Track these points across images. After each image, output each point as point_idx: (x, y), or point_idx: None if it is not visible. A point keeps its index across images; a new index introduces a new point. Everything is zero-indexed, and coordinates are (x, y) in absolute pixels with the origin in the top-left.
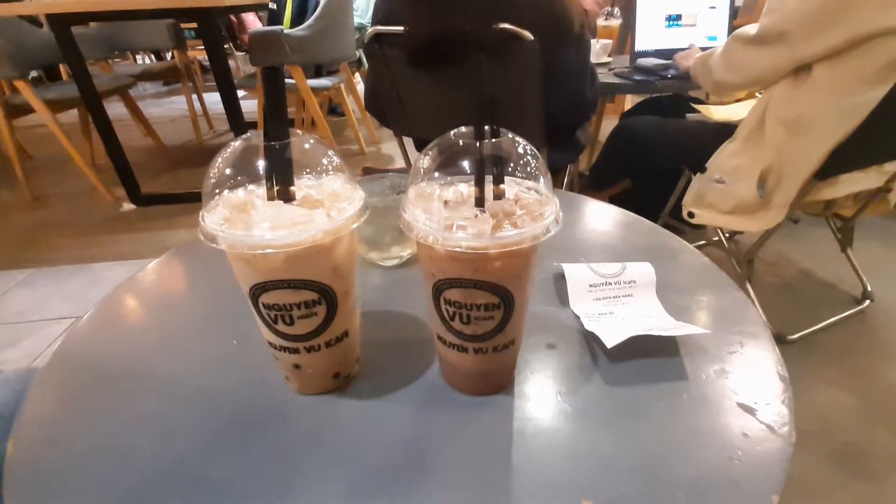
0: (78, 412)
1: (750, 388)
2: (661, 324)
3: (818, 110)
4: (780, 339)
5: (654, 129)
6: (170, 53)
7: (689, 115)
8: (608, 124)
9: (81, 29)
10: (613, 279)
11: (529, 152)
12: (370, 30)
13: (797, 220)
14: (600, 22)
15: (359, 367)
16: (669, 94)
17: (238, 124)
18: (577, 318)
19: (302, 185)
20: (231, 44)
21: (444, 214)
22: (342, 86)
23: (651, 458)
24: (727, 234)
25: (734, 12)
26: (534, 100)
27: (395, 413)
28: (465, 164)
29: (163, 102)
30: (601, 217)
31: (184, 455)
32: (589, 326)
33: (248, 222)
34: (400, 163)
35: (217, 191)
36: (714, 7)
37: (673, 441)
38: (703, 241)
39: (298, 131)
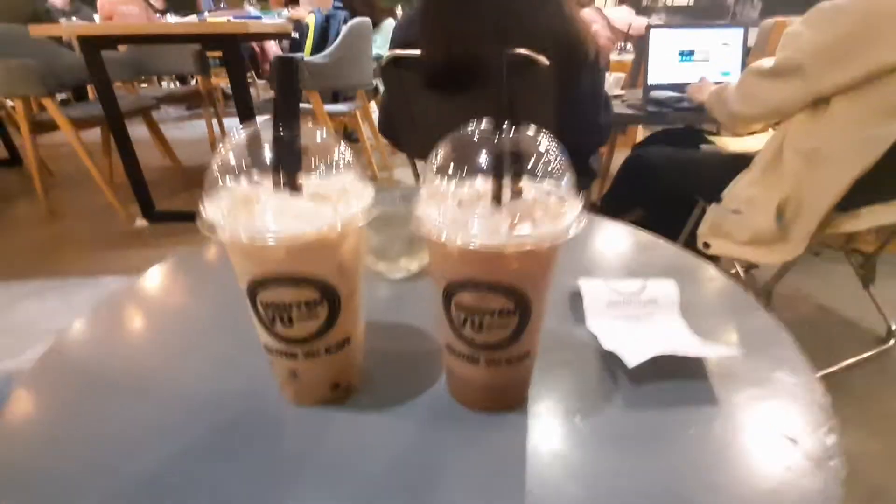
0: (63, 418)
1: (789, 416)
2: (687, 344)
3: (837, 142)
4: None
5: (668, 159)
6: (194, 80)
7: (703, 147)
8: (620, 157)
9: (110, 53)
10: (633, 297)
11: (552, 148)
12: (388, 53)
13: (818, 253)
14: (613, 56)
15: (360, 378)
16: (682, 126)
17: None
18: (595, 337)
19: (310, 180)
20: (253, 72)
21: (458, 211)
22: (358, 112)
23: (677, 489)
24: (744, 267)
25: (747, 50)
26: (547, 124)
27: (397, 429)
28: (482, 160)
29: (184, 126)
30: (618, 236)
31: (168, 465)
32: (608, 346)
33: (251, 213)
34: None
35: (220, 180)
36: (727, 44)
37: (701, 472)
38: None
39: (310, 123)
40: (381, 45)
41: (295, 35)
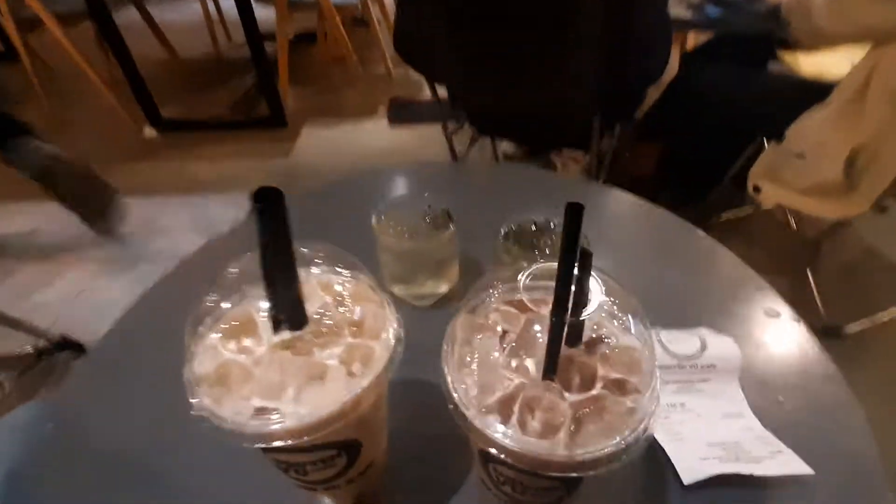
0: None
1: None
2: (749, 445)
3: None
4: (834, 333)
5: (726, 81)
6: None
7: (771, 66)
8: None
9: None
10: (689, 362)
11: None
12: None
13: (885, 209)
14: None
15: (385, 486)
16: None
17: (253, 37)
18: None
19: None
20: None
21: (495, 380)
22: None
23: None
24: (795, 217)
25: None
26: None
27: None
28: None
29: (177, 7)
30: (631, 214)
31: None
32: (661, 438)
33: (240, 388)
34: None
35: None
36: None
37: None
38: (750, 209)
39: (304, 249)
40: None
41: None
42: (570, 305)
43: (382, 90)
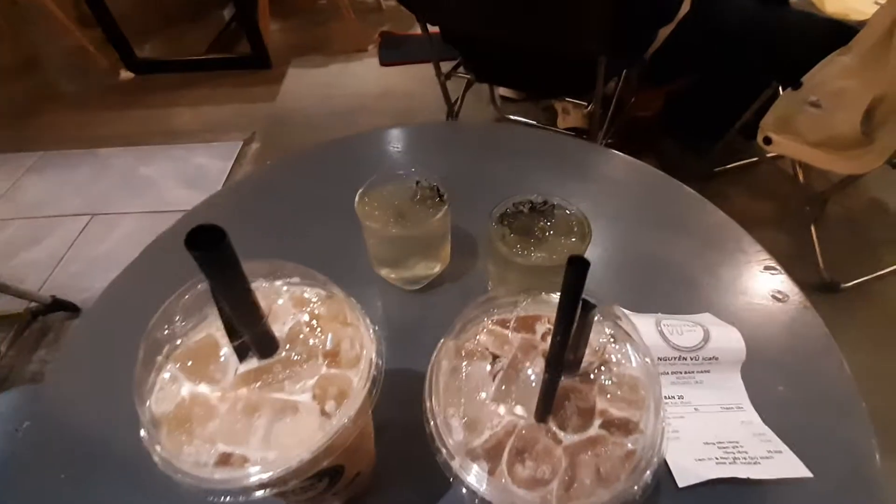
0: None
1: None
2: (747, 443)
3: None
4: (831, 290)
5: (743, 21)
6: None
7: (794, 2)
8: None
9: None
10: (690, 353)
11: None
12: None
13: None
14: None
15: (373, 481)
16: None
17: None
18: None
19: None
20: None
21: (484, 412)
22: None
23: None
24: (803, 167)
25: None
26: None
27: None
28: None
29: None
30: (630, 177)
31: None
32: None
33: (203, 433)
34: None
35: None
36: None
37: None
38: (756, 158)
39: (265, 285)
40: None
41: None
42: (565, 360)
43: (372, 23)
